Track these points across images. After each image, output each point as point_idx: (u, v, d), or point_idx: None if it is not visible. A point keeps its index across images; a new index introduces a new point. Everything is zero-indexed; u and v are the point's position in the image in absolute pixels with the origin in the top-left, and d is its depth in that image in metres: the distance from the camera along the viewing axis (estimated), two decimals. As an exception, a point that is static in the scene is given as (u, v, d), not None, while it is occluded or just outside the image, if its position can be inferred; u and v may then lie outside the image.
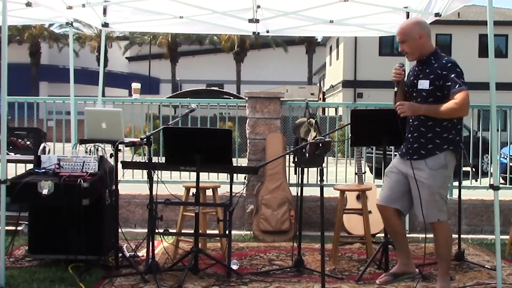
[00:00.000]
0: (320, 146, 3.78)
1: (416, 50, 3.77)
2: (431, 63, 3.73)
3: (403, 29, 3.80)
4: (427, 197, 3.72)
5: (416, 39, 3.74)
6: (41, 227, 4.52)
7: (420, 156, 3.73)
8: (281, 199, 5.90)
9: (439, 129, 3.70)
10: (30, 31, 36.47)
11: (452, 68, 3.63)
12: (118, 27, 6.54)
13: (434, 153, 3.69)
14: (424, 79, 3.72)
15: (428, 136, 3.71)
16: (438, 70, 3.66)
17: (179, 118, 5.16)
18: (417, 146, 3.75)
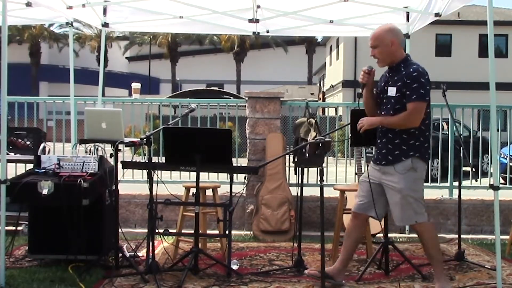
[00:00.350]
0: (320, 146, 3.78)
1: (386, 57, 3.80)
2: (400, 70, 3.77)
3: (376, 35, 3.83)
4: (400, 201, 3.74)
5: (387, 46, 3.77)
6: (41, 227, 4.52)
7: (388, 162, 3.77)
8: (281, 199, 5.90)
9: (406, 136, 3.73)
10: (30, 31, 36.47)
11: (417, 77, 3.66)
12: (118, 27, 6.55)
13: (400, 159, 3.73)
14: (392, 86, 3.76)
15: (396, 142, 3.75)
16: (404, 78, 3.69)
17: (179, 118, 5.16)
18: (385, 152, 3.79)
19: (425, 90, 3.65)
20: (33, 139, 5.61)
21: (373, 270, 4.46)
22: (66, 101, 6.66)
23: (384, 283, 4.14)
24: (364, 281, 4.17)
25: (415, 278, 4.24)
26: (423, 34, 15.19)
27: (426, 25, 5.87)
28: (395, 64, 3.80)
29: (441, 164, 8.19)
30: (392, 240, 4.73)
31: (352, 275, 4.35)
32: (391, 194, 3.78)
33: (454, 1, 4.95)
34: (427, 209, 6.29)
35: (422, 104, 3.65)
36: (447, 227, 6.28)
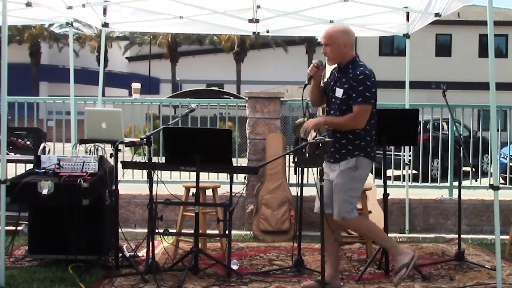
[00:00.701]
0: (320, 146, 3.77)
1: (337, 56, 3.84)
2: (348, 71, 3.82)
3: (330, 34, 3.86)
4: (335, 194, 3.81)
5: (339, 46, 3.81)
6: (41, 227, 4.52)
7: (335, 160, 3.83)
8: (281, 199, 5.90)
9: (352, 136, 3.80)
10: (30, 31, 36.40)
11: (363, 80, 3.74)
12: (118, 27, 6.55)
13: (346, 158, 3.79)
14: (340, 88, 3.82)
15: (342, 142, 3.80)
16: (351, 80, 3.76)
17: (179, 118, 5.16)
18: (333, 150, 3.82)
19: (371, 92, 3.75)
20: (33, 139, 5.61)
21: (373, 270, 4.46)
22: (66, 101, 6.66)
23: (384, 283, 4.14)
24: (364, 281, 4.17)
25: (415, 278, 4.23)
26: (423, 34, 15.23)
27: (426, 25, 5.88)
28: (343, 66, 3.86)
29: (441, 164, 8.20)
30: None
31: (352, 275, 4.35)
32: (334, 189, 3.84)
33: (454, 1, 4.95)
34: (427, 209, 6.37)
35: (368, 106, 3.75)
36: (447, 227, 6.29)
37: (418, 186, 6.80)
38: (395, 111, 5.28)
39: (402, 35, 6.17)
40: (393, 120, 4.50)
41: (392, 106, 6.60)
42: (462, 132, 6.54)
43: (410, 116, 4.58)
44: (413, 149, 6.84)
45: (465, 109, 6.91)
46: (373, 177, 7.01)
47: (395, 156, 7.20)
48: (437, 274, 4.38)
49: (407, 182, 6.32)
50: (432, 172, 7.01)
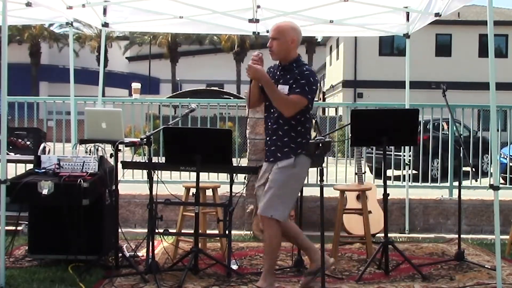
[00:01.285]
0: (320, 146, 3.77)
1: (282, 52, 3.81)
2: (293, 69, 3.80)
3: (280, 27, 3.83)
4: (269, 190, 3.75)
5: (287, 42, 3.79)
6: (41, 227, 4.52)
7: (277, 158, 3.78)
8: (281, 199, 5.89)
9: (294, 134, 3.77)
10: (30, 31, 36.44)
11: (307, 76, 3.74)
12: (118, 27, 6.55)
13: (289, 156, 3.75)
14: (284, 84, 3.78)
15: (285, 140, 3.77)
16: (297, 76, 3.74)
17: (179, 118, 5.16)
18: (274, 149, 3.80)
19: (310, 89, 3.71)
20: (33, 139, 5.61)
21: (373, 270, 4.46)
22: (66, 101, 6.66)
23: (384, 283, 4.14)
24: (364, 281, 4.17)
25: (415, 278, 4.24)
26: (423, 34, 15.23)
27: (426, 25, 5.88)
28: (287, 63, 3.83)
29: (441, 164, 8.20)
30: (392, 240, 4.73)
31: (352, 275, 4.35)
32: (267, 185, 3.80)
33: (454, 1, 4.96)
34: (427, 209, 6.37)
35: (303, 99, 3.69)
36: (447, 227, 6.29)
37: (418, 186, 6.80)
38: (395, 111, 5.28)
39: (402, 35, 6.17)
40: (393, 120, 4.49)
41: (392, 106, 6.60)
42: (462, 132, 6.54)
43: (410, 116, 4.57)
44: (413, 149, 6.85)
45: (465, 109, 6.91)
46: (373, 177, 7.03)
47: (395, 156, 7.20)
48: (437, 274, 4.38)
49: (407, 182, 6.32)
50: (432, 172, 7.01)
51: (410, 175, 6.56)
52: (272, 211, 3.73)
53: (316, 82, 3.78)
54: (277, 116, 3.78)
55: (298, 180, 3.86)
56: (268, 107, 3.90)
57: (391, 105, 6.70)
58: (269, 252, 3.89)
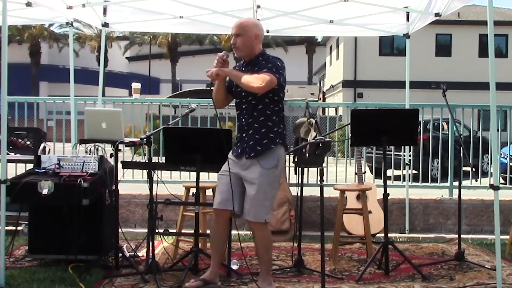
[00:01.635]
0: (320, 146, 3.77)
1: (246, 48, 3.81)
2: (260, 62, 3.79)
3: (243, 24, 3.84)
4: (258, 196, 3.72)
5: (251, 38, 3.80)
6: (41, 227, 4.52)
7: (257, 153, 3.74)
8: (281, 199, 5.90)
9: (271, 124, 3.76)
10: (30, 31, 36.44)
11: (274, 61, 3.74)
12: (118, 27, 6.55)
13: (269, 147, 3.73)
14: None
15: (262, 131, 3.75)
16: (267, 65, 3.72)
17: (179, 118, 5.15)
18: (252, 143, 3.76)
19: (278, 71, 3.69)
20: (33, 139, 5.61)
21: (373, 270, 4.46)
22: (66, 101, 6.66)
23: (384, 283, 4.14)
24: (364, 281, 4.17)
25: (415, 278, 4.24)
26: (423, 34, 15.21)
27: (426, 25, 5.88)
28: (253, 58, 3.82)
29: (441, 164, 8.20)
30: (392, 240, 4.73)
31: (352, 275, 4.35)
32: (250, 188, 3.74)
33: (454, 1, 4.96)
34: (427, 209, 6.37)
35: (273, 77, 3.63)
36: (447, 227, 6.29)
37: (418, 186, 6.80)
38: (395, 111, 5.28)
39: (402, 35, 6.17)
40: (393, 120, 4.50)
41: (392, 106, 6.60)
42: (462, 132, 6.54)
43: (410, 116, 4.57)
44: (413, 149, 6.84)
45: (465, 109, 6.91)
46: (373, 177, 7.03)
47: (395, 156, 7.20)
48: (437, 274, 4.38)
49: (407, 182, 6.32)
50: (432, 172, 7.01)
51: (410, 175, 6.56)
52: (265, 215, 3.76)
53: (284, 68, 3.77)
54: (251, 109, 3.76)
55: (278, 180, 3.88)
56: (239, 104, 3.87)
57: (391, 105, 6.70)
58: (265, 254, 3.89)
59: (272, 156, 3.74)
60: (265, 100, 3.74)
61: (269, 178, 3.74)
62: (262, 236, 3.83)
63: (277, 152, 3.77)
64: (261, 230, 3.82)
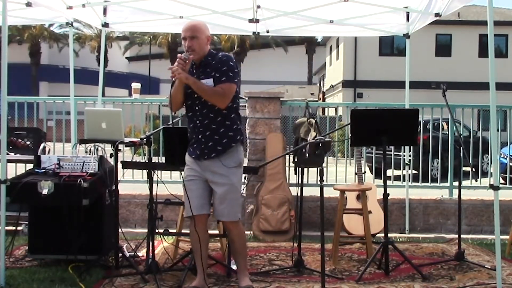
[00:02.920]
0: (320, 146, 3.77)
1: (201, 50, 3.76)
2: (210, 62, 3.77)
3: (197, 26, 3.79)
4: (230, 195, 3.73)
5: (204, 40, 3.77)
6: (41, 227, 4.52)
7: (218, 153, 3.72)
8: (281, 199, 5.90)
9: (229, 122, 3.76)
10: (30, 31, 36.41)
11: (226, 61, 3.73)
12: (118, 27, 6.55)
13: (230, 145, 3.73)
14: (207, 78, 3.73)
15: (221, 131, 3.74)
16: (218, 65, 3.73)
17: (179, 118, 5.16)
18: (212, 144, 3.74)
19: (233, 72, 3.71)
20: (33, 139, 5.61)
21: (373, 270, 4.46)
22: (66, 101, 6.65)
23: (384, 283, 4.14)
24: (364, 281, 4.17)
25: (415, 278, 4.24)
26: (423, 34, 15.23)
27: (426, 25, 5.88)
28: (203, 58, 3.80)
29: (441, 164, 8.19)
30: (392, 240, 4.73)
31: (352, 275, 4.35)
32: (221, 189, 3.73)
33: (454, 1, 4.95)
34: (427, 209, 6.37)
35: (232, 85, 3.70)
36: (447, 227, 6.29)
37: (418, 186, 6.80)
38: (395, 111, 5.28)
39: (402, 35, 6.17)
40: (393, 120, 4.50)
41: (392, 106, 6.60)
42: (462, 132, 6.54)
43: (410, 116, 4.57)
44: (413, 149, 6.84)
45: (465, 109, 6.91)
46: (373, 177, 7.03)
47: (395, 156, 7.20)
48: (437, 274, 4.38)
49: (407, 182, 6.32)
50: (432, 172, 7.01)
51: (410, 175, 6.56)
52: (238, 213, 3.82)
53: (236, 64, 3.79)
54: (206, 111, 3.72)
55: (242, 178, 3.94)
56: (191, 105, 3.79)
57: (391, 105, 6.70)
58: (243, 250, 3.94)
59: (234, 154, 3.76)
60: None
61: (236, 177, 3.77)
62: (238, 234, 3.86)
63: (238, 150, 3.79)
64: (236, 228, 3.85)
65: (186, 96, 3.82)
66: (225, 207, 3.74)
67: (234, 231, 3.85)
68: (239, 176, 3.81)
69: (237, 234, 3.86)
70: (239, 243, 3.88)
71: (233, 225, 3.82)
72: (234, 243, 3.91)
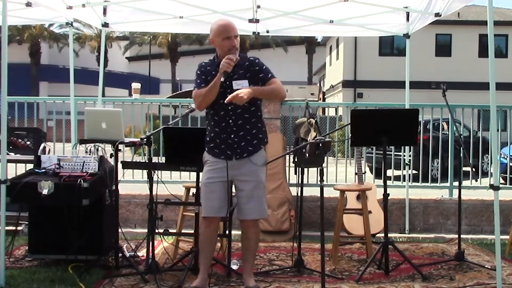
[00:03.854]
0: (320, 146, 3.77)
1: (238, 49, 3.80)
2: (241, 64, 3.77)
3: (235, 26, 3.82)
4: (257, 192, 3.76)
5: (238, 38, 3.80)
6: (41, 227, 4.52)
7: (249, 153, 3.74)
8: (281, 199, 5.90)
9: (260, 124, 3.83)
10: (30, 31, 36.39)
11: (260, 62, 3.83)
12: (118, 27, 6.55)
13: (259, 147, 3.78)
14: (241, 79, 3.73)
15: (253, 132, 3.78)
16: (250, 67, 3.77)
17: (179, 118, 5.15)
18: (244, 144, 3.74)
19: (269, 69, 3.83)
20: (33, 139, 5.61)
21: (373, 270, 4.46)
22: (66, 101, 6.65)
23: (384, 283, 4.14)
24: (364, 281, 4.17)
25: (415, 278, 4.24)
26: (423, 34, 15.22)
27: (426, 25, 5.88)
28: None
29: (441, 164, 8.20)
30: (392, 240, 4.73)
31: (352, 275, 4.35)
32: (248, 186, 3.74)
33: (454, 1, 4.95)
34: (427, 209, 6.37)
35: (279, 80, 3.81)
36: (447, 227, 6.29)
37: (418, 186, 6.80)
38: (395, 111, 5.28)
39: (402, 35, 6.17)
40: (393, 120, 4.50)
41: (392, 106, 6.60)
42: (462, 132, 6.54)
43: (410, 116, 4.57)
44: (413, 149, 6.84)
45: (465, 109, 6.91)
46: (373, 177, 7.03)
47: (395, 156, 7.20)
48: (437, 274, 4.38)
49: (407, 182, 6.32)
50: (432, 172, 7.01)
51: (410, 175, 6.56)
52: (266, 210, 3.86)
53: None
54: (241, 111, 3.73)
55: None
56: (225, 105, 3.68)
57: (391, 105, 6.70)
58: (255, 249, 3.98)
59: (262, 153, 3.81)
60: (257, 102, 3.82)
61: (263, 175, 3.83)
62: (256, 232, 3.90)
63: (264, 151, 3.85)
64: (256, 226, 3.89)
65: (220, 96, 3.75)
66: (254, 204, 3.76)
67: (254, 229, 3.87)
68: (264, 174, 3.85)
69: (256, 233, 3.90)
70: (255, 241, 3.91)
71: (254, 223, 3.84)
72: (250, 241, 3.89)
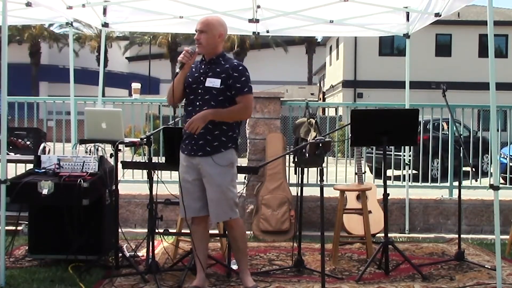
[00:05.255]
0: (320, 146, 3.77)
1: (209, 46, 3.75)
2: (221, 63, 3.77)
3: (209, 21, 3.79)
4: (218, 195, 3.70)
5: (215, 36, 3.75)
6: (41, 227, 4.52)
7: (206, 153, 3.69)
8: (281, 199, 5.90)
9: (226, 128, 3.74)
10: (30, 31, 36.41)
11: (243, 71, 3.74)
12: (118, 27, 6.55)
13: (219, 150, 3.71)
14: (215, 78, 3.72)
15: (215, 133, 3.71)
16: (230, 70, 3.72)
17: (179, 118, 5.15)
18: (202, 143, 3.71)
19: (250, 82, 3.78)
20: (33, 139, 5.61)
21: (373, 270, 4.46)
22: (66, 101, 6.65)
23: (384, 283, 4.14)
24: (364, 281, 4.17)
25: (415, 278, 4.24)
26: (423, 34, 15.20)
27: (426, 25, 5.88)
28: (214, 57, 3.79)
29: (441, 164, 8.20)
30: (392, 240, 4.73)
31: (352, 275, 4.35)
32: (210, 188, 3.71)
33: (454, 1, 4.95)
34: (427, 209, 6.37)
35: (252, 96, 3.78)
36: (447, 227, 6.29)
37: (418, 186, 6.80)
38: (395, 111, 5.28)
39: (402, 35, 6.17)
40: (393, 120, 4.50)
41: (392, 106, 6.60)
42: (462, 132, 6.54)
43: (410, 116, 4.57)
44: (413, 149, 6.84)
45: (465, 109, 6.91)
46: (373, 177, 7.03)
47: (395, 156, 7.20)
48: (437, 274, 4.38)
49: (407, 182, 6.32)
50: (432, 172, 7.01)
51: (410, 175, 6.56)
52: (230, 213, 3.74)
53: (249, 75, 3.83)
54: (206, 109, 3.69)
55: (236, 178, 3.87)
56: (193, 100, 3.78)
57: (391, 105, 6.70)
58: (245, 249, 3.94)
59: (225, 156, 3.72)
60: (225, 105, 3.71)
61: (228, 176, 3.72)
62: (241, 232, 3.86)
63: (230, 152, 3.74)
64: (237, 225, 3.82)
65: (189, 90, 3.81)
66: (213, 207, 3.73)
67: (237, 229, 3.83)
68: (228, 176, 3.72)
69: (240, 232, 3.85)
70: (241, 241, 3.87)
71: (234, 222, 3.80)
72: (236, 241, 3.87)
